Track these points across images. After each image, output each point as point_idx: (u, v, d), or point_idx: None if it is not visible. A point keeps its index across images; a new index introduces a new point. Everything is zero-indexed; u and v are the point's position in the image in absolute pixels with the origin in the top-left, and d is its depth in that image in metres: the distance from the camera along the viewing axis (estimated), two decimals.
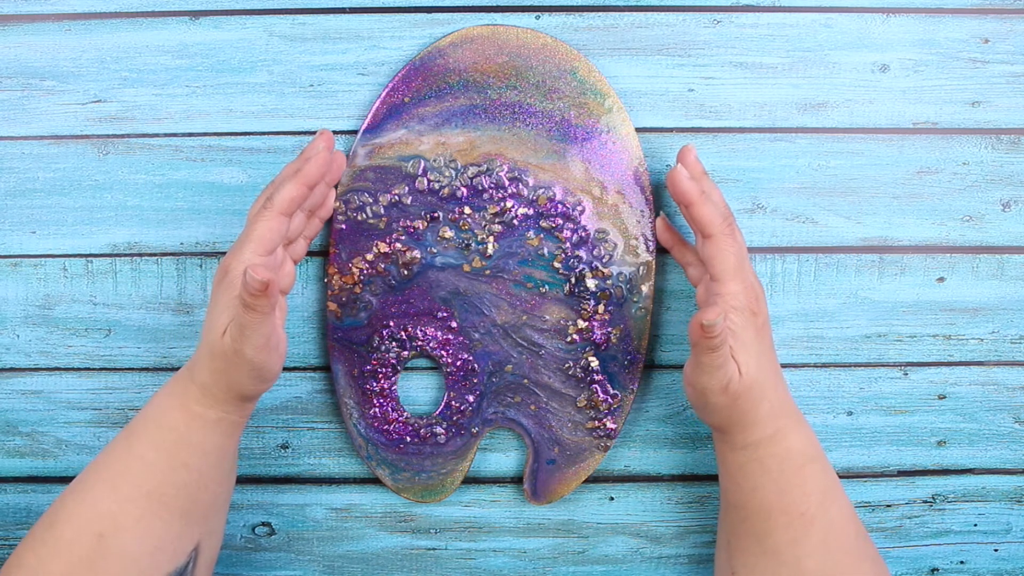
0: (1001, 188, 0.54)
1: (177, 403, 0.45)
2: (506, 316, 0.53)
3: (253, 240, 0.44)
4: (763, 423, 0.45)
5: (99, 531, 0.43)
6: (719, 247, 0.45)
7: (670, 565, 0.57)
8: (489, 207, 0.52)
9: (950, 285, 0.55)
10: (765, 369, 0.45)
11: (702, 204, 0.45)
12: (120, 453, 0.45)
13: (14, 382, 0.55)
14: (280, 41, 0.53)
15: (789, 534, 0.45)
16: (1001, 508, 0.57)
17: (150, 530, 0.43)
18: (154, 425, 0.45)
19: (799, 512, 0.45)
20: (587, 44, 0.53)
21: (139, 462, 0.44)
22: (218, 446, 0.46)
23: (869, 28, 0.53)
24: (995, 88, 0.54)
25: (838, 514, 0.46)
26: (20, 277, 0.54)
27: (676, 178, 0.46)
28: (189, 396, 0.45)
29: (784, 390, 0.47)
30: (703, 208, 0.45)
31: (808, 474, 0.45)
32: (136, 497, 0.43)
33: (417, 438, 0.53)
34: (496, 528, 0.56)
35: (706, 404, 0.46)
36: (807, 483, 0.45)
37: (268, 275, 0.40)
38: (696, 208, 0.46)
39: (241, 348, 0.42)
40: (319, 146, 0.46)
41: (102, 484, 0.44)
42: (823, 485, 0.46)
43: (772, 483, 0.45)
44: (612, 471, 0.56)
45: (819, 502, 0.45)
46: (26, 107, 0.53)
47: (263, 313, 0.41)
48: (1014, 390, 0.56)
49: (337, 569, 0.56)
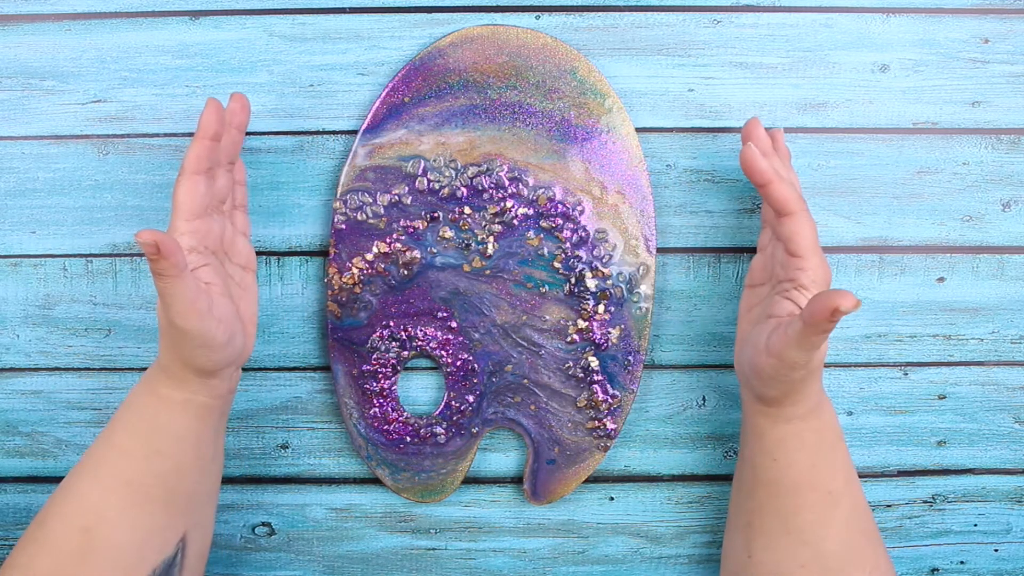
0: (1001, 188, 0.54)
1: (146, 388, 0.45)
2: (506, 316, 0.53)
3: (175, 208, 0.44)
4: (811, 396, 0.46)
5: (85, 525, 0.43)
6: (800, 223, 0.45)
7: (670, 565, 0.57)
8: (489, 207, 0.52)
9: (950, 285, 0.55)
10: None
11: (779, 183, 0.45)
12: (100, 443, 0.45)
13: (14, 382, 0.55)
14: (280, 41, 0.53)
15: (816, 512, 0.45)
16: (1001, 508, 0.57)
17: (134, 521, 0.44)
18: (128, 412, 0.45)
19: (827, 490, 0.45)
20: (587, 44, 0.53)
21: (116, 451, 0.44)
22: (191, 430, 0.45)
23: (869, 28, 0.53)
24: (995, 88, 0.54)
25: (860, 495, 0.47)
26: (20, 277, 0.54)
27: (750, 158, 0.45)
28: (155, 379, 0.45)
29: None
30: (780, 187, 0.45)
31: (838, 452, 0.46)
32: (116, 487, 0.44)
33: (417, 438, 0.53)
34: (496, 528, 0.56)
35: (783, 378, 0.44)
36: (836, 460, 0.46)
37: (153, 236, 0.38)
38: (774, 187, 0.45)
39: (169, 317, 0.42)
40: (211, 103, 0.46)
41: (86, 475, 0.44)
42: (848, 464, 0.47)
43: (807, 458, 0.46)
44: (612, 471, 0.56)
45: (845, 480, 0.46)
46: (26, 107, 0.53)
47: (171, 276, 0.40)
48: (1014, 390, 0.56)
49: (337, 569, 0.56)
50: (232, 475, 0.55)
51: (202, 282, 0.44)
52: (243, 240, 0.48)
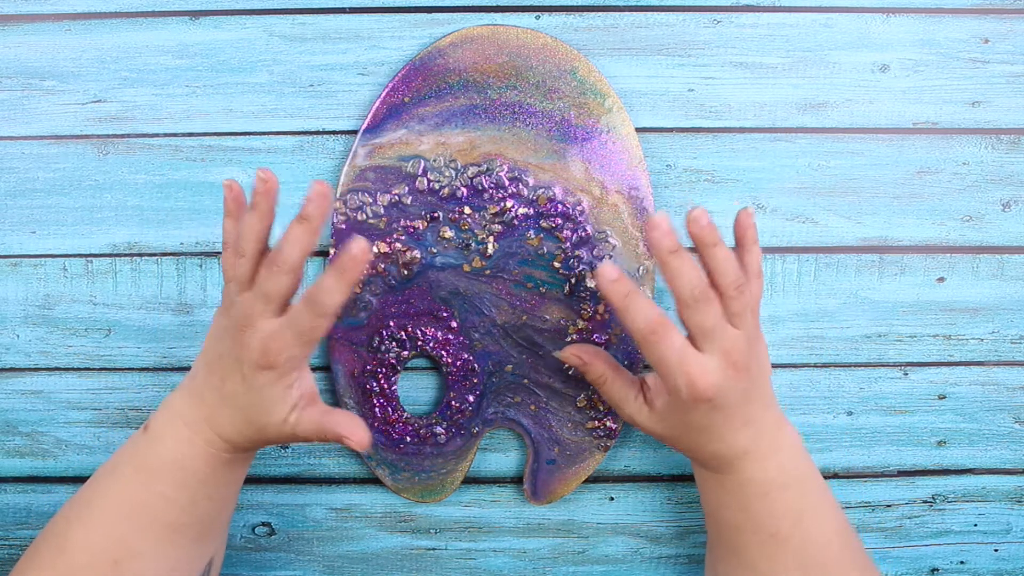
0: (1001, 188, 0.54)
1: (202, 452, 0.43)
2: (506, 316, 0.53)
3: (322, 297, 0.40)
4: (706, 461, 0.45)
5: (115, 558, 0.42)
6: (688, 314, 0.41)
7: (670, 565, 0.57)
8: (489, 207, 0.52)
9: (950, 285, 0.55)
10: (707, 432, 0.44)
11: (633, 297, 0.41)
12: (137, 488, 0.43)
13: (14, 382, 0.55)
14: (280, 41, 0.53)
15: (762, 552, 0.45)
16: (1001, 508, 0.57)
17: (167, 554, 0.43)
18: (177, 468, 0.43)
19: (769, 533, 0.44)
20: (587, 44, 0.53)
21: (160, 499, 0.43)
22: (237, 475, 0.46)
23: (869, 28, 0.53)
24: (995, 88, 0.54)
25: (818, 533, 0.45)
26: (20, 277, 0.54)
27: (653, 227, 0.40)
28: (215, 446, 0.43)
29: (756, 430, 0.44)
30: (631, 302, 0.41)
31: (775, 500, 0.44)
32: (155, 528, 0.43)
33: (417, 438, 0.53)
34: (496, 528, 0.56)
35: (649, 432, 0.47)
36: (775, 507, 0.44)
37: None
38: (630, 300, 0.41)
39: (305, 435, 0.43)
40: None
41: (118, 516, 0.43)
42: (797, 508, 0.44)
43: (735, 503, 0.45)
44: (612, 471, 0.56)
45: (793, 523, 0.44)
46: (26, 107, 0.53)
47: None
48: (1014, 390, 0.56)
49: (337, 569, 0.56)
50: None
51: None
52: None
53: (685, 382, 0.41)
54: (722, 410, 0.43)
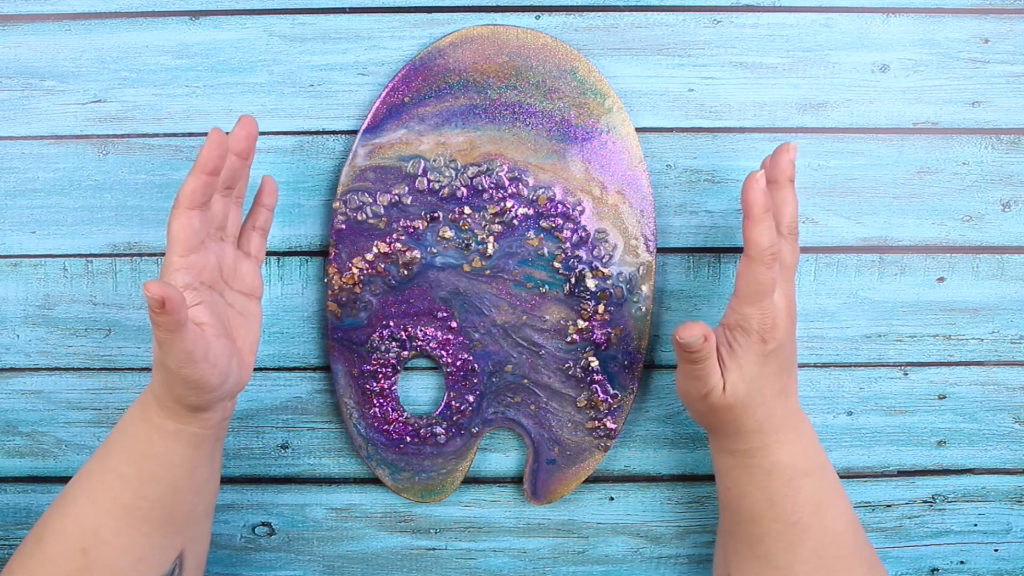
0: (1001, 188, 0.54)
1: (140, 414, 0.44)
2: (506, 316, 0.53)
3: (170, 243, 0.42)
4: (747, 436, 0.46)
5: (82, 546, 0.43)
6: (752, 271, 0.44)
7: (670, 565, 0.57)
8: (489, 207, 0.52)
9: (950, 285, 0.55)
10: (759, 391, 0.45)
11: (757, 223, 0.43)
12: (97, 465, 0.44)
13: (14, 382, 0.55)
14: (280, 41, 0.53)
15: (781, 541, 0.45)
16: (1001, 508, 0.57)
17: (131, 542, 0.43)
18: (124, 436, 0.44)
19: (791, 521, 0.45)
20: (587, 44, 0.53)
21: (112, 475, 0.44)
22: (185, 457, 0.44)
23: (869, 28, 0.53)
24: (995, 88, 0.54)
25: (834, 522, 0.45)
26: (20, 277, 0.54)
27: (747, 186, 0.43)
28: (148, 407, 0.44)
29: (784, 409, 0.46)
30: (755, 229, 0.43)
31: (799, 486, 0.45)
32: (113, 509, 0.43)
33: (417, 438, 0.53)
34: (496, 528, 0.56)
35: (687, 406, 0.48)
36: (799, 495, 0.45)
37: (163, 291, 0.37)
38: (750, 225, 0.43)
39: (164, 361, 0.41)
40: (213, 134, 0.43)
41: (83, 497, 0.44)
42: (817, 497, 0.45)
43: (760, 491, 0.46)
44: (612, 471, 0.56)
45: (813, 511, 0.45)
46: (26, 107, 0.53)
47: (169, 331, 0.39)
48: (1014, 390, 0.56)
49: (337, 569, 0.56)
50: (232, 475, 0.55)
51: (197, 326, 0.42)
52: (248, 265, 0.47)
53: (770, 307, 0.44)
54: (776, 357, 0.45)
